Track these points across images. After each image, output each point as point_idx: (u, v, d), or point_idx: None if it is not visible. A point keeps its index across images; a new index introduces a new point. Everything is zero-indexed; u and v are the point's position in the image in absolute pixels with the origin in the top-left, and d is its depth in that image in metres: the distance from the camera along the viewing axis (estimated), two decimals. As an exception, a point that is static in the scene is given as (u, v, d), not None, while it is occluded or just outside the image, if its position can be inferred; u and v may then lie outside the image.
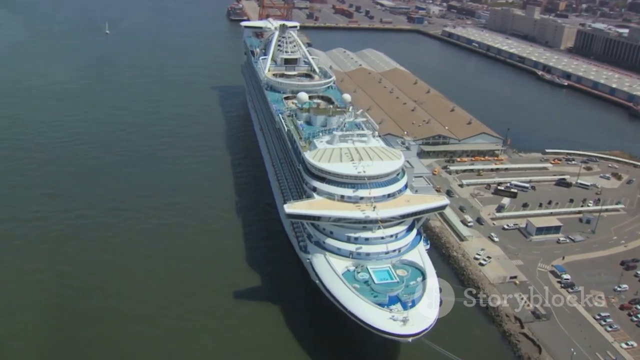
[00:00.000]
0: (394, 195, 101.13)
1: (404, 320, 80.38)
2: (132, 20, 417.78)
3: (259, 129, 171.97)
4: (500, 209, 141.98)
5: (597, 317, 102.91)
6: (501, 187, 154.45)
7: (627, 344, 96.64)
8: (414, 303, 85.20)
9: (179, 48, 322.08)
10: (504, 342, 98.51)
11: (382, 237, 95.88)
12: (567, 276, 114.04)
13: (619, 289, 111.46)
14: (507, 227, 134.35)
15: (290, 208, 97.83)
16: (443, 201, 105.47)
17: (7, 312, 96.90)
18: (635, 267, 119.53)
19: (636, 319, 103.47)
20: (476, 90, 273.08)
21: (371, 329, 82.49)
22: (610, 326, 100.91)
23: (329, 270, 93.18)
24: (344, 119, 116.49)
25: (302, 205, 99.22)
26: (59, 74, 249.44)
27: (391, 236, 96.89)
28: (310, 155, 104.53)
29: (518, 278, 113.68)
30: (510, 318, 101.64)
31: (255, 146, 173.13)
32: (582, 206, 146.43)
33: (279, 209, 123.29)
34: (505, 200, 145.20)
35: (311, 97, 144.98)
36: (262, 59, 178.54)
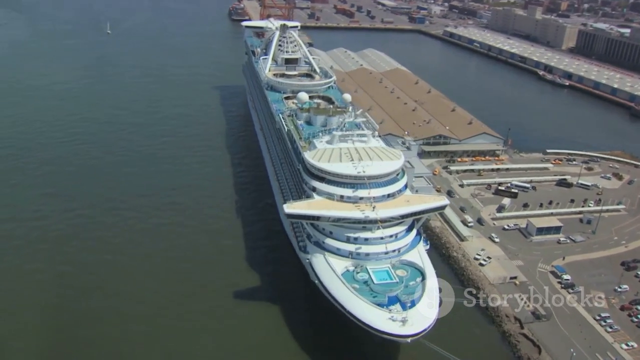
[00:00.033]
0: (394, 195, 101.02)
1: (403, 321, 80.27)
2: (133, 20, 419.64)
3: (259, 128, 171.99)
4: (501, 209, 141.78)
5: (597, 317, 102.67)
6: (502, 187, 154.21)
7: (627, 345, 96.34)
8: (413, 303, 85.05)
9: (180, 48, 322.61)
10: (503, 342, 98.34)
11: (382, 237, 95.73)
12: (568, 276, 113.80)
13: (619, 289, 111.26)
14: (508, 227, 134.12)
15: (290, 208, 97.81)
16: (443, 201, 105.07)
17: (7, 312, 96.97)
18: (636, 268, 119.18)
19: (636, 319, 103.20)
20: (477, 91, 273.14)
21: (370, 329, 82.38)
22: (611, 327, 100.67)
23: (329, 270, 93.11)
24: (343, 119, 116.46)
25: (302, 205, 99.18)
26: (59, 73, 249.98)
27: (391, 236, 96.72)
28: (309, 155, 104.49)
29: (518, 278, 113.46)
30: (510, 318, 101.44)
31: (255, 146, 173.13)
32: (582, 206, 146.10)
33: (279, 208, 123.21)
34: (505, 201, 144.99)
35: (311, 97, 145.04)
36: (262, 58, 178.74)
